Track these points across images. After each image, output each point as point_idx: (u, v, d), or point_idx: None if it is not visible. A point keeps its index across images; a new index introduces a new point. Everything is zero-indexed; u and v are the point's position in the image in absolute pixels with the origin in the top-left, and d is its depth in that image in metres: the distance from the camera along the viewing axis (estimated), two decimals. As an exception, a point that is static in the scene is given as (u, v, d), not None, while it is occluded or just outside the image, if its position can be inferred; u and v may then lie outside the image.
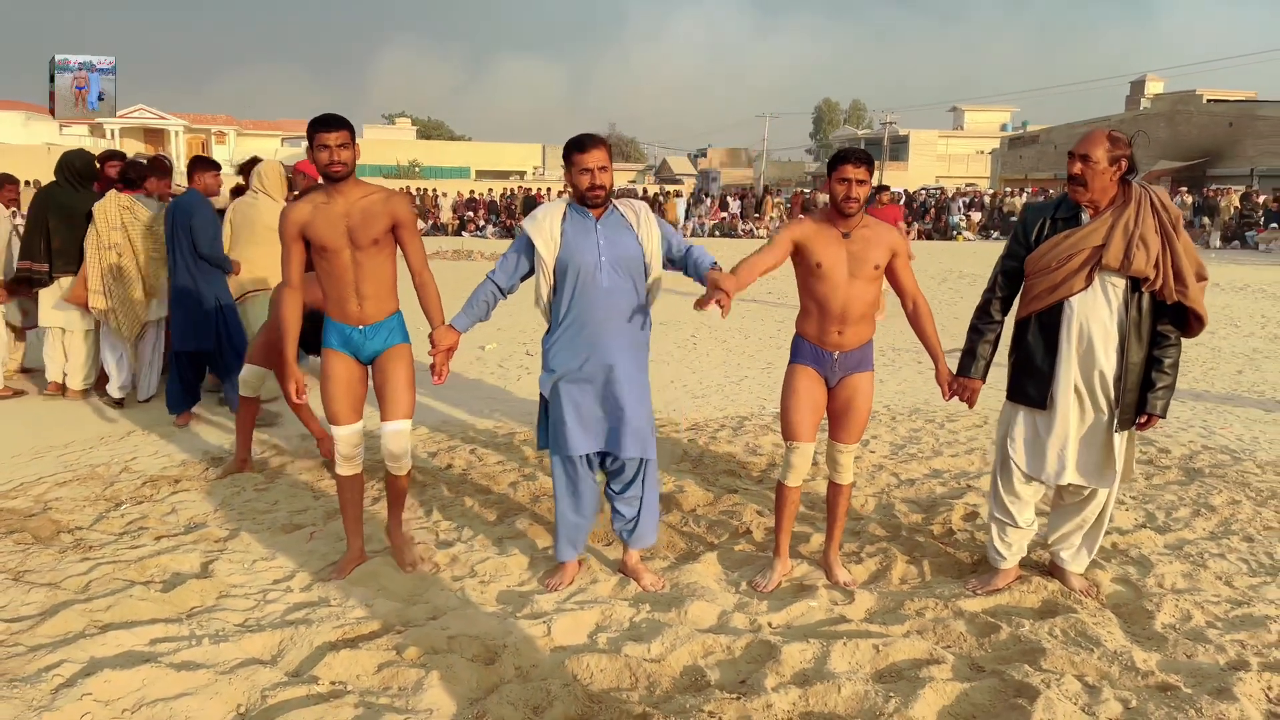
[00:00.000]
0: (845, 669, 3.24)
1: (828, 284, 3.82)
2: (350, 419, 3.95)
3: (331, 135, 3.73)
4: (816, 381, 3.94)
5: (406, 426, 4.02)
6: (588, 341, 3.76)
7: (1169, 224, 3.50)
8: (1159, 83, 52.23)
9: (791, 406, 3.94)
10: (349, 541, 4.13)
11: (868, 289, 3.84)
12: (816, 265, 3.81)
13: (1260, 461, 5.84)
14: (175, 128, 60.05)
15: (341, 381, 3.94)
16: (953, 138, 65.25)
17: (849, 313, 3.84)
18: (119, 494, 5.01)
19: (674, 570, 4.11)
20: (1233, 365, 9.09)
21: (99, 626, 3.47)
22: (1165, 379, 3.62)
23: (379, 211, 3.83)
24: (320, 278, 3.92)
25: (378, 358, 3.97)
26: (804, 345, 3.97)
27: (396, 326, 4.01)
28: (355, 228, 3.80)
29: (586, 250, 3.73)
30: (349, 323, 3.91)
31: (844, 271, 3.80)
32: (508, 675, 3.23)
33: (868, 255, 3.80)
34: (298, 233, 3.82)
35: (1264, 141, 36.75)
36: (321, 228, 3.79)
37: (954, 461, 5.83)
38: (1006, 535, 3.92)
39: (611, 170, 3.74)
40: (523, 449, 6.01)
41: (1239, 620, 3.64)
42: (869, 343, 3.97)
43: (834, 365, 3.91)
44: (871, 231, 3.85)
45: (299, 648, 3.37)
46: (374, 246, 3.84)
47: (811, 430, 3.94)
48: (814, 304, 3.89)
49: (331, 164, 3.74)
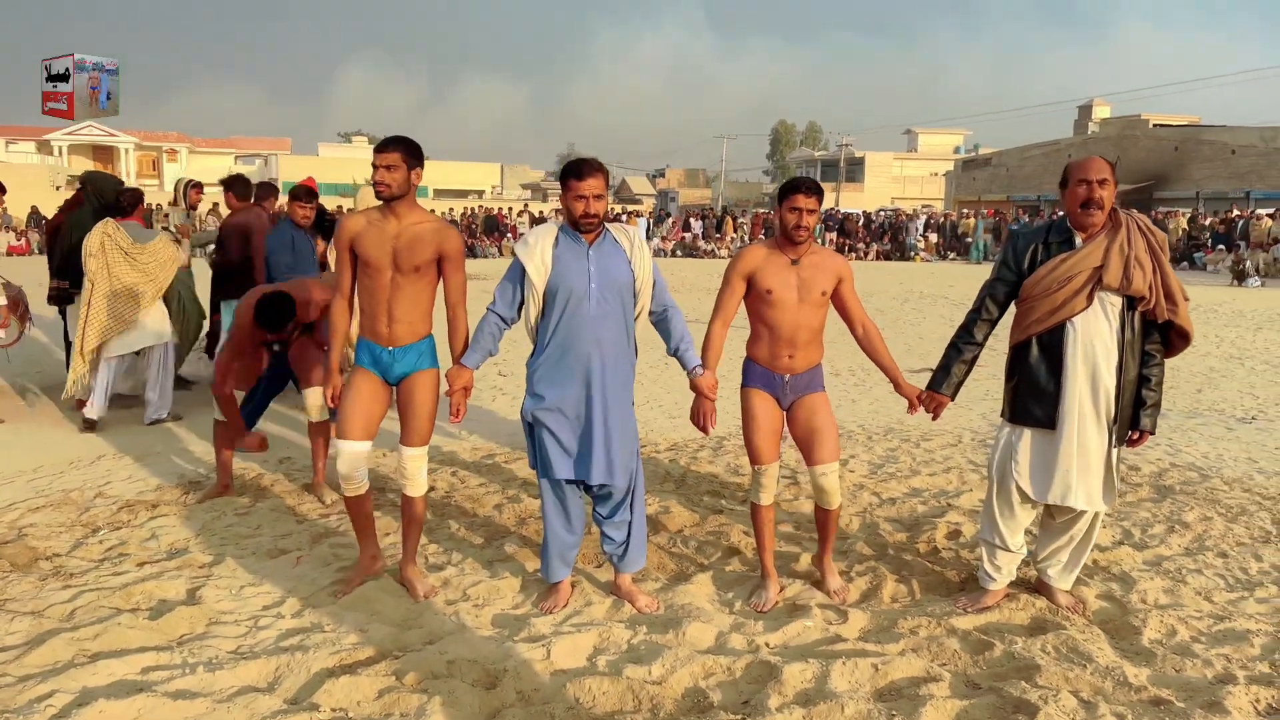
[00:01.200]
0: (846, 688, 3.27)
1: (778, 309, 3.93)
2: (359, 436, 3.94)
3: (381, 156, 3.83)
4: (770, 403, 4.05)
5: (422, 452, 4.06)
6: (572, 367, 3.78)
7: (1156, 247, 3.62)
8: (1106, 107, 53.50)
9: (752, 430, 4.04)
10: (362, 549, 4.14)
11: (816, 314, 3.97)
12: (767, 291, 3.93)
13: (1227, 478, 6.00)
14: (125, 145, 59.11)
15: (362, 397, 3.96)
16: (907, 160, 66.29)
17: (798, 337, 3.96)
18: (95, 519, 4.91)
19: (667, 591, 4.12)
20: (1192, 384, 9.32)
21: (88, 655, 3.40)
22: (1154, 395, 3.73)
23: (428, 241, 3.88)
24: (359, 291, 3.98)
25: (404, 381, 3.99)
26: (755, 369, 4.07)
27: (426, 350, 4.02)
28: (401, 250, 3.85)
29: (576, 275, 3.75)
30: (379, 343, 3.95)
31: (794, 297, 3.92)
32: (509, 700, 3.22)
33: (816, 281, 3.93)
34: (348, 243, 3.92)
35: (1209, 165, 37.79)
36: (369, 244, 3.87)
37: (932, 480, 5.91)
38: (997, 559, 3.98)
39: (606, 198, 3.78)
40: (504, 469, 5.99)
41: (1222, 635, 3.73)
42: (818, 365, 4.09)
43: (785, 388, 4.02)
44: (820, 258, 3.99)
45: (296, 674, 3.33)
46: (415, 273, 3.89)
47: (774, 450, 4.04)
48: (764, 328, 4.01)
49: (378, 184, 3.83)
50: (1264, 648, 3.60)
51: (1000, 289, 3.88)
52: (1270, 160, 35.80)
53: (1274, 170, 35.58)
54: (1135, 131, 41.95)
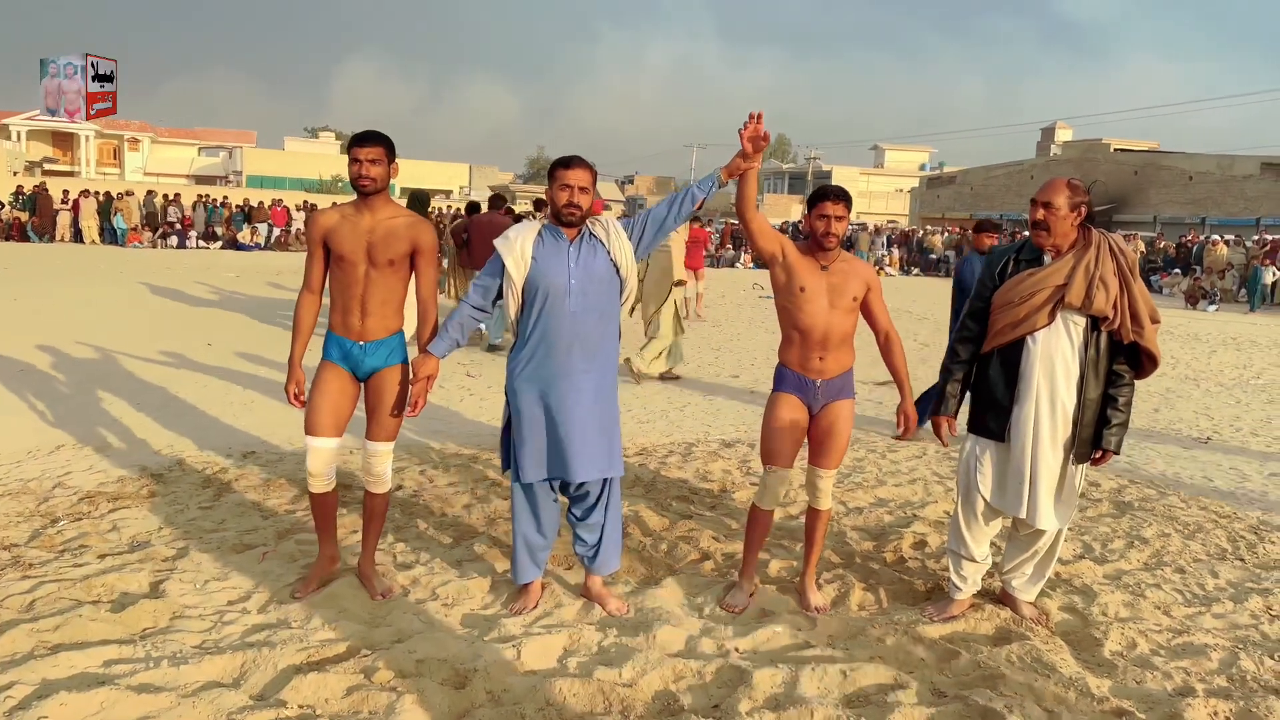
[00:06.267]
0: (815, 693, 3.29)
1: (810, 311, 3.93)
2: (328, 432, 3.90)
3: (364, 150, 3.82)
4: (799, 409, 4.02)
5: (388, 449, 4.00)
6: (553, 362, 3.77)
7: (1126, 268, 3.68)
8: (1068, 130, 54.49)
9: (773, 432, 4.02)
10: (321, 548, 4.07)
11: (846, 319, 3.97)
12: (800, 289, 3.93)
13: (1184, 496, 6.12)
14: (86, 132, 57.93)
15: (331, 393, 3.91)
16: (874, 175, 66.97)
17: (830, 340, 3.96)
18: (55, 510, 4.82)
19: (637, 595, 4.12)
20: (1149, 404, 9.49)
21: (49, 647, 3.33)
22: (1120, 416, 3.78)
23: (402, 235, 3.88)
24: (331, 286, 3.95)
25: (374, 375, 3.96)
26: (787, 374, 4.06)
27: (398, 346, 4.00)
28: (375, 245, 3.84)
29: (556, 272, 3.75)
30: (350, 337, 3.92)
31: (825, 300, 3.93)
32: (479, 700, 3.20)
33: (846, 287, 3.95)
34: (320, 237, 3.91)
35: (1167, 190, 38.60)
36: (343, 239, 3.85)
37: (898, 491, 5.96)
38: (963, 569, 4.03)
39: (592, 194, 3.78)
40: (473, 469, 5.96)
41: (1181, 648, 3.81)
42: (850, 370, 4.09)
43: (817, 392, 4.01)
44: (848, 265, 4.01)
45: (263, 670, 3.28)
46: (389, 267, 3.88)
47: (791, 456, 4.02)
48: (796, 332, 4.00)
49: (360, 178, 3.82)
50: (1222, 661, 3.68)
51: (978, 305, 3.93)
52: (1225, 188, 36.66)
53: (1229, 198, 36.43)
54: (1096, 155, 42.77)
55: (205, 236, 29.12)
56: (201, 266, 21.20)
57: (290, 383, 4.00)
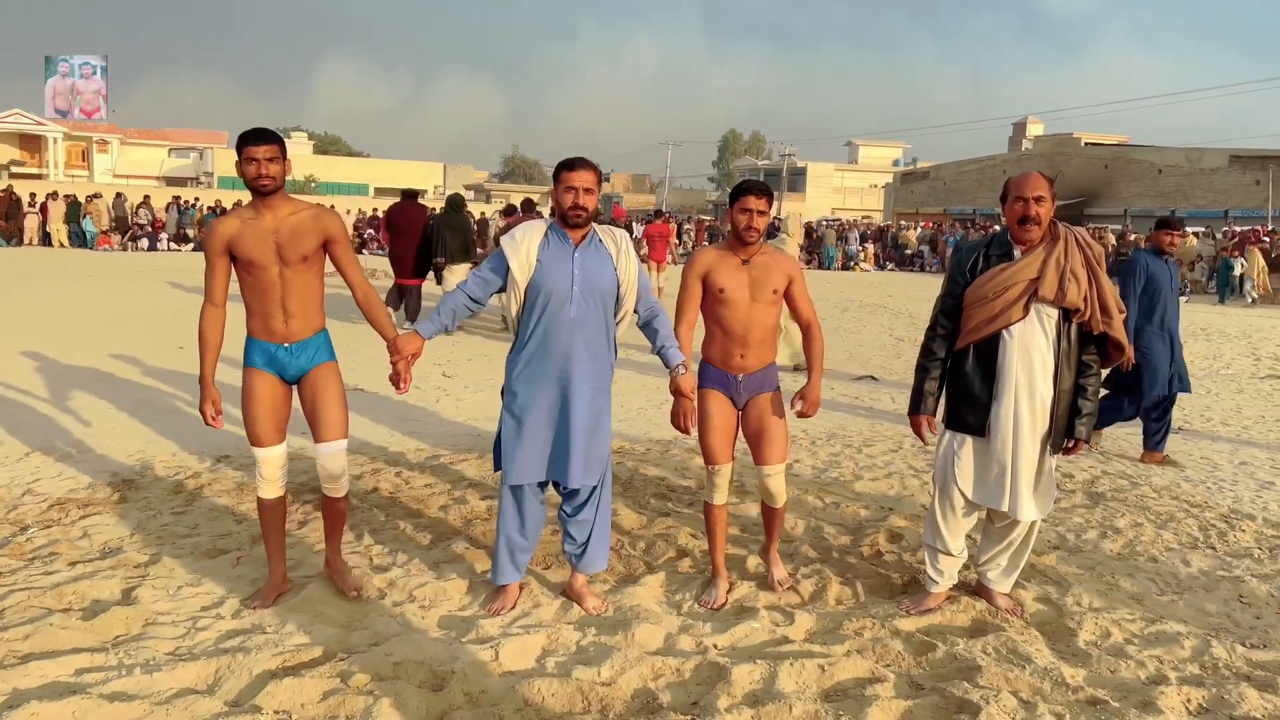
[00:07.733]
0: (794, 689, 3.30)
1: (730, 308, 4.01)
2: (274, 440, 3.84)
3: (260, 149, 3.66)
4: (725, 404, 4.11)
5: (343, 446, 3.92)
6: (550, 366, 3.76)
7: (1093, 260, 3.72)
8: (1039, 125, 54.95)
9: (706, 431, 4.09)
10: (271, 567, 3.98)
11: (768, 313, 4.06)
12: (720, 291, 4.01)
13: (1156, 486, 6.18)
14: (54, 134, 57.27)
15: (266, 401, 3.82)
16: (848, 171, 67.26)
17: (750, 336, 4.04)
18: (24, 517, 4.76)
19: (615, 593, 4.12)
20: (1121, 395, 9.57)
21: (18, 657, 3.29)
22: (1089, 405, 3.83)
23: (309, 228, 3.78)
24: (245, 294, 3.82)
25: (304, 377, 3.88)
26: (710, 370, 4.14)
27: (324, 344, 3.93)
28: (284, 244, 3.73)
29: (559, 277, 3.73)
30: (274, 340, 3.82)
31: (746, 296, 4.01)
32: (457, 702, 3.19)
33: (767, 280, 4.02)
34: (223, 247, 3.73)
35: (1137, 184, 39.02)
36: (249, 243, 3.71)
37: (874, 485, 5.99)
38: (939, 562, 4.05)
39: (597, 195, 3.78)
40: (450, 470, 5.93)
41: (1154, 637, 3.84)
42: (772, 364, 4.18)
43: (739, 387, 4.09)
44: (770, 259, 4.08)
45: (238, 676, 3.25)
46: (303, 263, 3.78)
47: (728, 451, 4.11)
48: (718, 328, 4.08)
49: (260, 178, 3.67)
50: (1194, 649, 3.72)
51: (949, 303, 3.95)
52: (1194, 181, 37.09)
53: (1198, 190, 36.86)
54: (1067, 149, 43.15)
55: (177, 239, 28.83)
56: (173, 269, 20.99)
57: (205, 403, 3.77)
